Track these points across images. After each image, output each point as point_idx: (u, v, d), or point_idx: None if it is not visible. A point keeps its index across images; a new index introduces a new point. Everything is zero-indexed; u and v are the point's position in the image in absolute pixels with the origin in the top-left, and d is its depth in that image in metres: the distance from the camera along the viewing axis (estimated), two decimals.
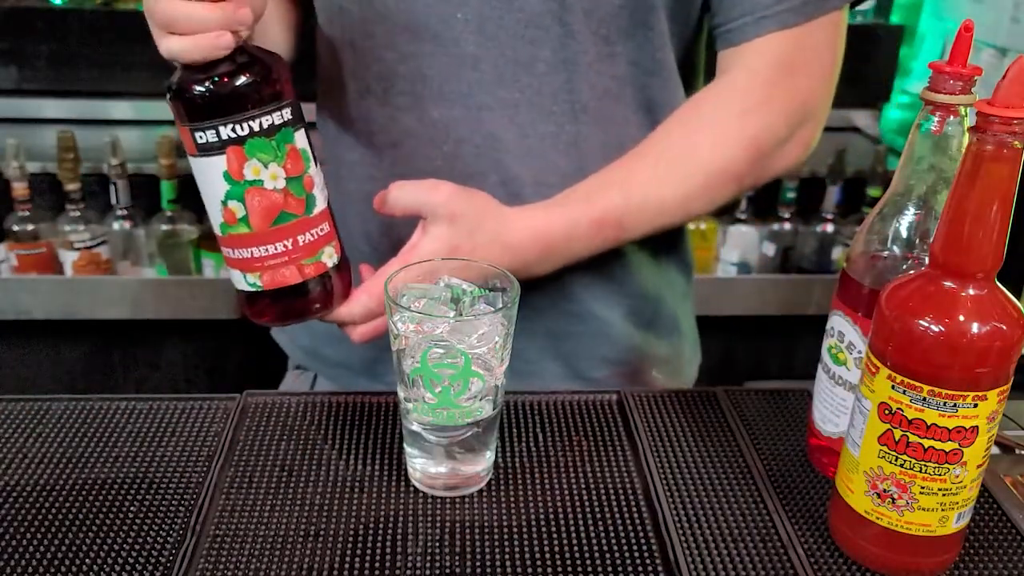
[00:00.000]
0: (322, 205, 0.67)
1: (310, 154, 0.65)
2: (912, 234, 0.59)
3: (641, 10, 0.74)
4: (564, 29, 0.73)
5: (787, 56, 0.74)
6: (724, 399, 0.75)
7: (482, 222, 0.71)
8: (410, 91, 0.77)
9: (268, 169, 0.62)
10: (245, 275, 0.66)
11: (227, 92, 0.60)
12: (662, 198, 0.75)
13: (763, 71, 0.75)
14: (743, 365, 1.89)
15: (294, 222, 0.64)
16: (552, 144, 0.77)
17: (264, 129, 0.61)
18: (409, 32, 0.75)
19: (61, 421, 0.70)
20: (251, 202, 0.63)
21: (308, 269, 0.66)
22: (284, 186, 0.63)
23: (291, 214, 0.64)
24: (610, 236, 0.75)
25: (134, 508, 0.61)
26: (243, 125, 0.61)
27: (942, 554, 0.57)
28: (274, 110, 0.62)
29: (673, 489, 0.64)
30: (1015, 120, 0.47)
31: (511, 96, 0.76)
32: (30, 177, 1.57)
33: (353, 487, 0.64)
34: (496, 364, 0.60)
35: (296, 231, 0.65)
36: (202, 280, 1.66)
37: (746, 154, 0.75)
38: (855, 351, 0.60)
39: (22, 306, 1.61)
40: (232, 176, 0.62)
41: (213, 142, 0.61)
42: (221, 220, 0.64)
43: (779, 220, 1.78)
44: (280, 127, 0.62)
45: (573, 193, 0.74)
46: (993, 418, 0.53)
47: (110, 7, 1.78)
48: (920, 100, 0.56)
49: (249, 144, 0.61)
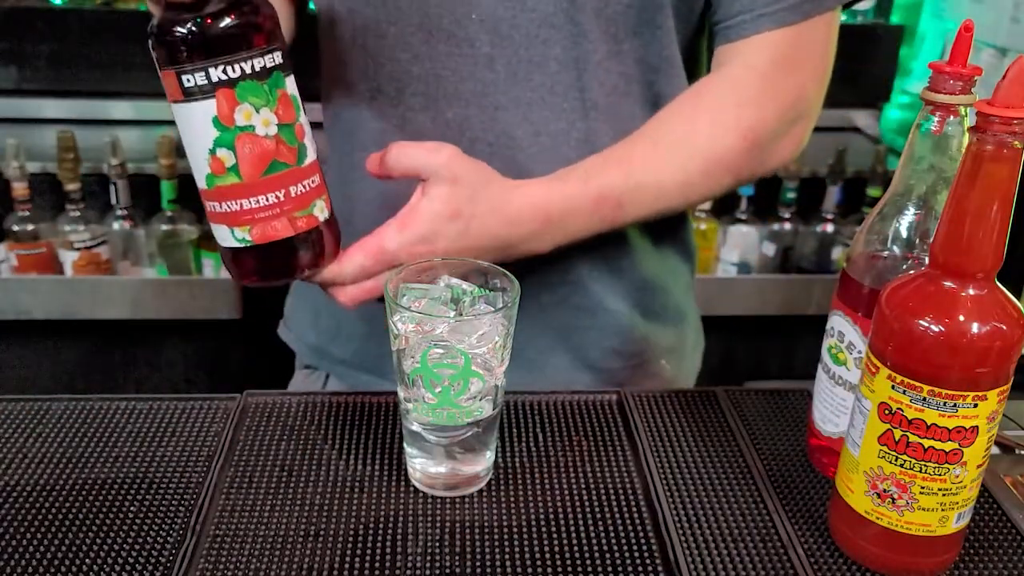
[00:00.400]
0: (312, 156, 0.64)
1: (299, 102, 0.63)
2: (912, 234, 0.59)
3: (649, 9, 0.75)
4: (576, 28, 0.74)
5: (784, 53, 0.75)
6: (724, 399, 0.75)
7: (483, 189, 0.70)
8: (424, 91, 0.77)
9: (260, 114, 0.59)
10: (233, 230, 0.63)
11: (219, 31, 0.57)
12: (660, 181, 0.75)
13: (760, 67, 0.76)
14: (743, 365, 1.89)
15: (286, 172, 0.62)
16: (564, 141, 0.78)
17: (256, 72, 0.59)
18: (423, 33, 0.76)
19: (61, 421, 0.70)
20: (242, 150, 0.60)
21: (300, 222, 0.63)
22: (276, 133, 0.60)
23: (283, 163, 0.61)
24: (607, 215, 0.74)
25: (134, 508, 0.61)
26: (235, 67, 0.58)
27: (942, 554, 0.57)
28: (266, 52, 0.59)
29: (673, 489, 0.64)
30: (1015, 120, 0.47)
31: (524, 95, 0.77)
32: (30, 177, 1.57)
33: (353, 487, 0.64)
34: (496, 364, 0.60)
35: (288, 181, 0.62)
36: (202, 280, 1.66)
37: (742, 144, 0.75)
38: (855, 351, 0.60)
39: (22, 306, 1.61)
40: (222, 121, 0.59)
41: (203, 84, 0.58)
42: (208, 171, 0.61)
43: (779, 220, 1.78)
44: (272, 70, 0.60)
45: (573, 171, 0.75)
46: (993, 418, 0.53)
47: (110, 7, 1.78)
48: (920, 100, 0.56)
49: (241, 87, 0.58)
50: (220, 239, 0.64)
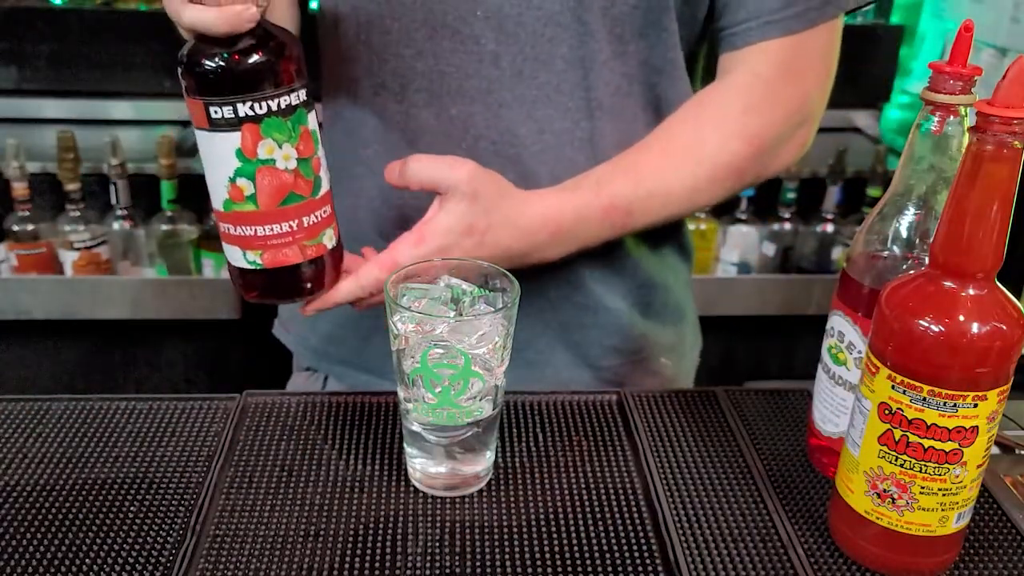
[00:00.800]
0: (326, 187, 0.66)
1: (318, 136, 0.65)
2: (912, 234, 0.59)
3: (655, 10, 0.76)
4: (582, 27, 0.75)
5: (788, 60, 0.76)
6: (724, 399, 0.75)
7: (499, 203, 0.71)
8: (428, 88, 0.77)
9: (281, 149, 0.62)
10: (245, 252, 0.65)
11: (249, 69, 0.59)
12: (669, 188, 0.76)
13: (765, 73, 0.76)
14: (743, 365, 1.89)
15: (301, 203, 0.64)
16: (568, 140, 0.78)
17: (281, 109, 0.61)
18: (428, 29, 0.76)
19: (61, 421, 0.70)
20: (261, 181, 0.62)
21: (309, 250, 0.66)
22: (295, 167, 0.63)
23: (299, 195, 0.64)
24: (618, 223, 0.76)
25: (134, 508, 0.61)
26: (262, 104, 0.60)
27: (942, 554, 0.57)
28: (292, 90, 0.61)
29: (673, 489, 0.64)
30: (1015, 120, 0.47)
31: (529, 93, 0.77)
32: (30, 177, 1.57)
33: (353, 487, 0.64)
34: (496, 364, 0.60)
35: (302, 212, 0.64)
36: (202, 280, 1.66)
37: (748, 150, 0.76)
38: (855, 351, 0.60)
39: (22, 306, 1.61)
40: (245, 154, 0.61)
41: (230, 118, 0.60)
42: (226, 196, 0.63)
43: (779, 220, 1.78)
44: (296, 107, 0.62)
45: (584, 179, 0.76)
46: (993, 418, 0.53)
47: (110, 7, 1.78)
48: (920, 100, 0.56)
49: (266, 123, 0.60)
50: (231, 258, 0.67)
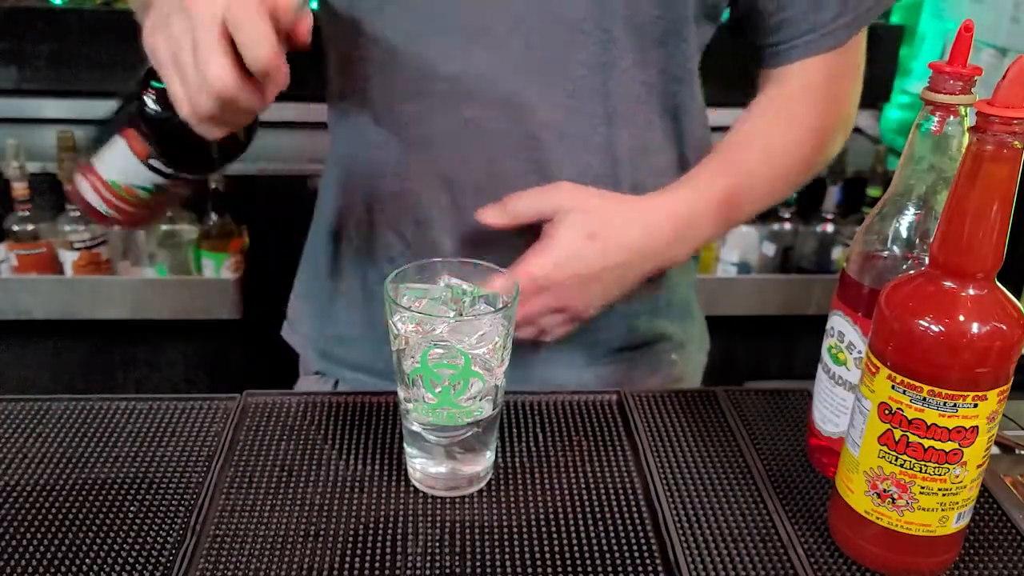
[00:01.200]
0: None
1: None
2: (912, 234, 0.58)
3: (676, 21, 0.77)
4: (605, 35, 0.75)
5: (837, 66, 0.82)
6: (724, 399, 0.75)
7: (614, 207, 0.74)
8: (448, 91, 0.77)
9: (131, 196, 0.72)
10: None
11: (196, 149, 0.67)
12: (763, 183, 0.82)
13: (818, 80, 0.82)
14: (743, 365, 1.89)
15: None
16: (586, 145, 0.79)
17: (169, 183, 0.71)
18: (449, 32, 0.76)
19: (61, 421, 0.70)
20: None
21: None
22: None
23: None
24: (730, 217, 0.80)
25: (134, 508, 0.61)
26: (171, 171, 0.69)
27: (942, 554, 0.57)
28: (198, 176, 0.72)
29: (673, 489, 0.64)
30: (1015, 120, 0.47)
31: (549, 98, 0.77)
32: (30, 177, 1.57)
33: (353, 487, 0.64)
34: (496, 364, 0.60)
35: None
36: (202, 280, 1.66)
37: (815, 147, 0.83)
38: (855, 351, 0.60)
39: (22, 306, 1.61)
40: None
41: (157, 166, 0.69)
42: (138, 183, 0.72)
43: (779, 220, 1.78)
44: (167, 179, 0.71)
45: (693, 178, 0.79)
46: (993, 418, 0.53)
47: (110, 7, 1.78)
48: (920, 100, 0.56)
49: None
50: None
